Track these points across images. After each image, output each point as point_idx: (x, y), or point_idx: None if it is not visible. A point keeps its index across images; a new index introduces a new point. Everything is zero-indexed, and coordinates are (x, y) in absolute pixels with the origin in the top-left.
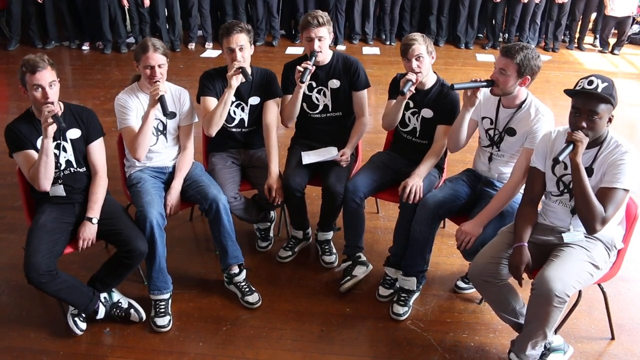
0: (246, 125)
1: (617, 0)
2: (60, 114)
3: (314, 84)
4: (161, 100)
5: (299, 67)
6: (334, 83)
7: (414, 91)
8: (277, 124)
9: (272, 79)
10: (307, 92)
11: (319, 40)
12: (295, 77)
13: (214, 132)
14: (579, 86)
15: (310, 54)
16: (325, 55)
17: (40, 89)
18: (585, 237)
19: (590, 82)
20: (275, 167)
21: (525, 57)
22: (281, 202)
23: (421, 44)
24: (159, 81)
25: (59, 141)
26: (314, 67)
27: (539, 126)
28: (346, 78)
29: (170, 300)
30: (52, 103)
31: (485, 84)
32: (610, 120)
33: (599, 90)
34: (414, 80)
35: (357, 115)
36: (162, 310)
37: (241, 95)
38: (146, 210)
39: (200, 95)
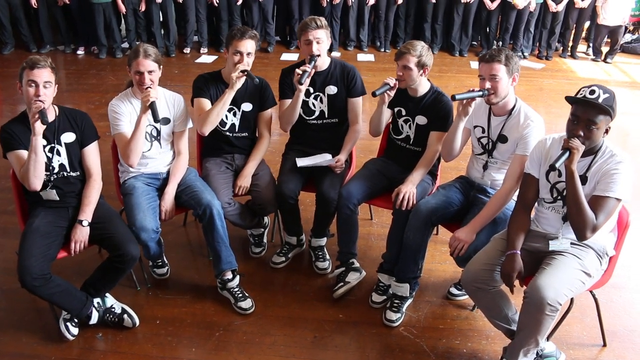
0: (236, 130)
1: (609, 9)
2: (54, 116)
3: (311, 90)
4: (152, 106)
5: (297, 70)
6: (331, 89)
7: (391, 95)
8: (273, 129)
9: (267, 88)
10: (304, 98)
11: (317, 42)
12: (294, 80)
13: (207, 131)
14: (581, 94)
15: (310, 58)
16: (323, 61)
17: (34, 86)
18: (577, 244)
19: (592, 92)
20: (251, 169)
21: (507, 56)
22: (275, 208)
23: (413, 56)
24: (150, 87)
25: (53, 145)
26: (313, 70)
27: (528, 131)
28: (343, 84)
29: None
30: (42, 102)
31: (481, 93)
32: (607, 131)
33: (600, 100)
34: (392, 85)
35: (350, 122)
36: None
37: (235, 100)
38: (137, 232)
39: (194, 97)
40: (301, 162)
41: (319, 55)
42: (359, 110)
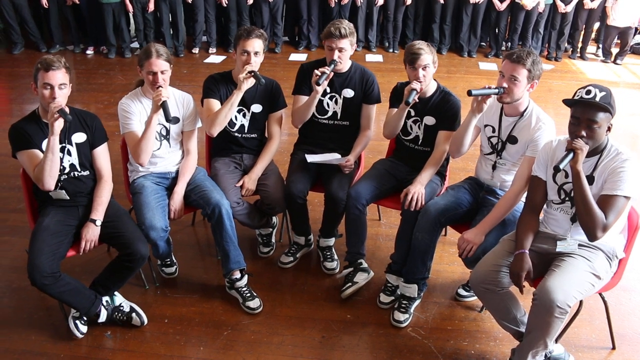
0: (246, 131)
1: (619, 10)
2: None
3: (328, 90)
4: (163, 106)
5: (316, 71)
6: (348, 92)
7: (417, 100)
8: (283, 128)
9: (277, 90)
10: (319, 97)
11: (340, 51)
12: (312, 80)
13: (216, 132)
14: (577, 96)
15: (330, 62)
16: (343, 65)
17: (49, 88)
18: (586, 246)
19: (588, 92)
20: (258, 171)
21: (533, 62)
22: (284, 208)
23: (428, 54)
24: (161, 87)
25: (64, 144)
26: (332, 73)
27: (540, 134)
28: (360, 89)
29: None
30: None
31: (496, 91)
32: (609, 129)
33: (597, 99)
34: (419, 90)
35: (362, 127)
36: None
37: (244, 102)
38: (147, 231)
39: (204, 98)
40: (311, 158)
41: (339, 62)
42: (372, 116)
